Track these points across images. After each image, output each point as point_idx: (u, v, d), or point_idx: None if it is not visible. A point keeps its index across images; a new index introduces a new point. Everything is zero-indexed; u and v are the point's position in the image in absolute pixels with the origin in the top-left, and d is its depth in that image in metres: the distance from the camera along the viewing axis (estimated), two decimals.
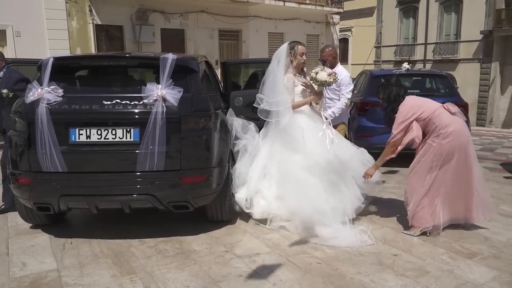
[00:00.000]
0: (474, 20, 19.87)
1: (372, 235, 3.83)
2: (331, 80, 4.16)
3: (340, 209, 3.94)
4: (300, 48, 4.31)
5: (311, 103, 4.55)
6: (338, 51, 7.31)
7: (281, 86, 4.20)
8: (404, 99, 3.97)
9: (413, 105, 3.89)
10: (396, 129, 3.89)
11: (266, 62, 5.79)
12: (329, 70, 4.21)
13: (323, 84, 4.17)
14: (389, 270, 3.26)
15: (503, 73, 19.24)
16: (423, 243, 3.74)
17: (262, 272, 3.23)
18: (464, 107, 6.62)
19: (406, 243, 3.75)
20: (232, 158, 4.69)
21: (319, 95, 4.25)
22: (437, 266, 3.32)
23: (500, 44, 18.87)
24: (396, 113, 3.94)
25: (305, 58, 4.36)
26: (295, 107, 4.26)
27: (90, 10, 13.05)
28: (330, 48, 5.04)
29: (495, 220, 4.31)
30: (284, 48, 4.32)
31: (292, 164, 4.08)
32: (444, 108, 3.88)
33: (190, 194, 3.66)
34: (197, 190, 3.70)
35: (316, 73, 4.18)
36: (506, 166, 7.09)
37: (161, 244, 3.75)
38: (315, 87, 4.33)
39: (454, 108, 3.89)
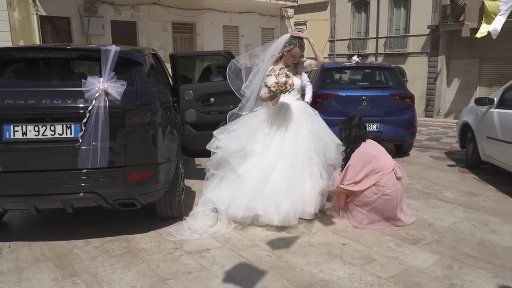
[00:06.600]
0: (422, 15, 20.62)
1: (315, 226, 3.92)
2: (274, 89, 3.90)
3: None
4: (294, 51, 4.16)
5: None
6: None
7: (262, 72, 4.14)
8: (364, 141, 4.00)
9: (369, 154, 3.92)
10: (349, 180, 3.88)
11: (216, 55, 5.72)
12: (282, 80, 3.90)
13: (268, 88, 3.95)
14: (338, 259, 3.31)
15: (449, 66, 20.10)
16: (371, 232, 3.82)
17: (212, 267, 3.19)
18: (410, 98, 6.88)
19: (355, 232, 3.83)
20: (183, 153, 4.60)
21: (271, 97, 4.04)
22: (383, 253, 3.41)
23: (446, 38, 19.67)
24: (353, 151, 3.97)
25: (295, 61, 4.24)
26: (261, 99, 4.17)
27: (34, 0, 12.32)
28: None
29: (438, 207, 4.50)
30: (283, 39, 4.23)
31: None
32: (393, 168, 3.90)
33: (136, 191, 3.54)
34: (144, 186, 3.59)
35: (268, 76, 3.99)
36: (450, 154, 7.43)
37: (107, 244, 3.61)
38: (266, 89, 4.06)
39: (400, 172, 3.93)
